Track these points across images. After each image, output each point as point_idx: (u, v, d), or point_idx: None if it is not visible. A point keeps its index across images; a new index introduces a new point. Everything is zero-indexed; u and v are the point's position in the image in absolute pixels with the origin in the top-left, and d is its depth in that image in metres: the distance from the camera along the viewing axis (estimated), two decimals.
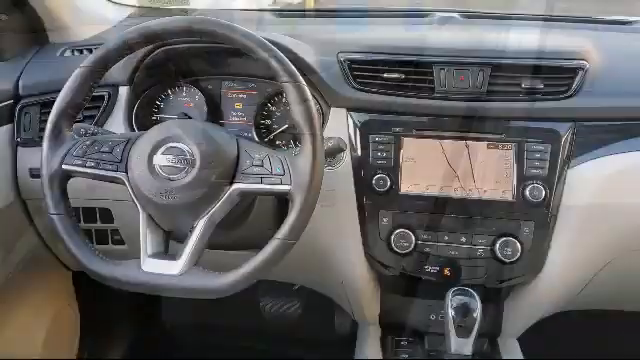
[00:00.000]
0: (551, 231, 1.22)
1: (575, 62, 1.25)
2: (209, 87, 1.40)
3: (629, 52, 1.38)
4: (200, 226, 1.00)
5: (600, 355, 1.90)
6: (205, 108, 1.37)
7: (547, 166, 1.21)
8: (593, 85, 1.24)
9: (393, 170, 1.25)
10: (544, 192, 1.19)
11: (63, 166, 1.05)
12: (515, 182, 1.22)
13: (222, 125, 1.39)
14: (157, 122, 1.37)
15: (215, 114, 1.38)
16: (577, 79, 1.23)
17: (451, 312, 1.15)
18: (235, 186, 1.01)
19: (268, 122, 1.38)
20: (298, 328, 2.05)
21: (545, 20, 1.65)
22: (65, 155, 1.05)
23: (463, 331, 1.14)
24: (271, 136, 1.37)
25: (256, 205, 1.18)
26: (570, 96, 1.23)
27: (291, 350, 2.00)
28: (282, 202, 1.20)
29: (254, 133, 1.37)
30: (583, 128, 1.23)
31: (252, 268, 0.98)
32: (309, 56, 1.28)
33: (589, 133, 1.23)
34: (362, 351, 1.37)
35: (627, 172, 1.22)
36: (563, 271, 1.25)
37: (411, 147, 1.25)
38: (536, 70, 1.24)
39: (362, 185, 1.26)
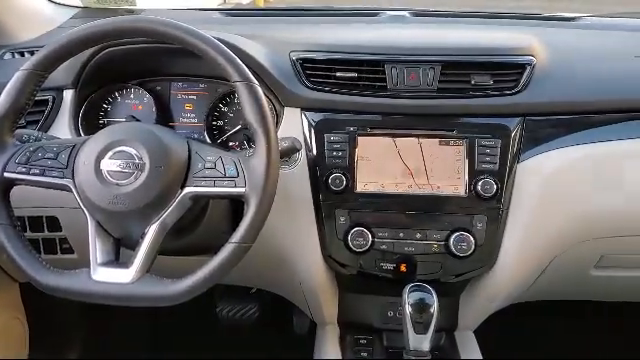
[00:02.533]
0: (503, 225, 1.25)
1: (522, 58, 1.27)
2: (158, 88, 1.36)
3: (574, 47, 1.42)
4: (151, 232, 0.98)
5: (554, 344, 1.96)
6: (154, 110, 1.33)
7: (497, 161, 1.23)
8: (541, 80, 1.27)
9: (349, 169, 1.25)
10: (495, 186, 1.22)
11: (5, 174, 1.01)
12: (467, 177, 1.23)
13: (172, 127, 1.36)
14: (104, 126, 1.34)
15: (165, 116, 1.35)
16: (525, 75, 1.26)
17: (408, 308, 1.15)
18: (187, 190, 0.99)
19: (220, 123, 1.36)
20: (256, 331, 2.03)
21: (492, 18, 1.69)
22: (7, 162, 1.01)
23: (421, 327, 1.15)
24: (224, 137, 1.35)
25: (210, 208, 1.16)
26: (518, 92, 1.25)
27: (250, 353, 1.98)
28: (237, 205, 1.18)
29: (206, 135, 1.34)
30: (532, 123, 1.26)
31: (207, 273, 0.96)
32: (261, 55, 1.27)
33: (538, 128, 1.26)
34: (321, 351, 1.37)
35: (575, 165, 1.25)
36: (516, 264, 1.28)
37: (366, 145, 1.25)
38: (485, 67, 1.26)
39: (318, 185, 1.25)
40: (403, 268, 1.26)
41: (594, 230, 1.29)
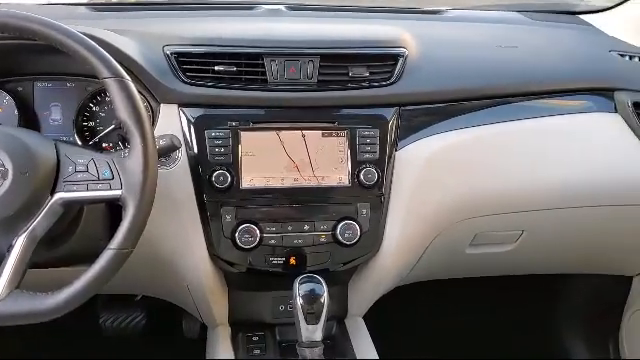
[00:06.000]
0: (385, 211, 1.29)
1: (395, 50, 1.32)
2: (19, 89, 1.26)
3: (442, 39, 1.50)
4: (19, 244, 0.91)
5: (436, 322, 2.07)
6: (16, 113, 1.23)
7: (377, 150, 1.27)
8: (412, 71, 1.32)
9: (233, 165, 1.23)
10: (376, 175, 1.25)
11: None
12: (350, 167, 1.26)
13: (38, 130, 1.26)
14: None
15: (28, 119, 1.25)
16: (398, 66, 1.31)
17: (299, 300, 1.16)
18: (57, 196, 0.93)
19: (91, 124, 1.28)
20: (145, 339, 1.95)
21: (365, 12, 1.73)
22: None
23: (312, 317, 1.16)
24: (96, 139, 1.28)
25: (84, 214, 1.09)
26: (393, 82, 1.30)
27: None
28: (114, 209, 1.12)
29: (76, 137, 1.26)
30: (406, 112, 1.31)
31: (85, 284, 0.91)
32: (132, 50, 1.21)
33: (412, 116, 1.32)
34: (213, 353, 1.34)
35: (447, 150, 1.32)
36: (398, 248, 1.32)
37: (249, 140, 1.24)
38: (361, 59, 1.30)
39: (201, 183, 1.22)
40: (293, 261, 1.27)
41: (468, 211, 1.37)
